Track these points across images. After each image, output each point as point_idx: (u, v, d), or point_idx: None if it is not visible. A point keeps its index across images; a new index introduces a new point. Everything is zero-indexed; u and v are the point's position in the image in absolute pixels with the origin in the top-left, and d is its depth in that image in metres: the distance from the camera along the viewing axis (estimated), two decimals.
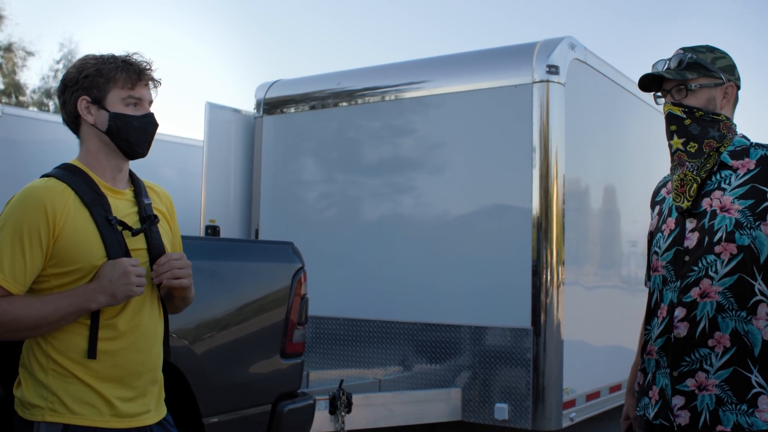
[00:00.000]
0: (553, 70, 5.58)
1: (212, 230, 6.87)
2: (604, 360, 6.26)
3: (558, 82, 5.60)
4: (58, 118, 10.74)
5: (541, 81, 5.58)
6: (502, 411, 5.46)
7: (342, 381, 5.16)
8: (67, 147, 8.98)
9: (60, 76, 27.37)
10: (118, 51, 2.25)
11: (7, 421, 2.45)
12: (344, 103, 6.60)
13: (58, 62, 27.93)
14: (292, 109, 6.89)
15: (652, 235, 2.55)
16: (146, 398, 2.25)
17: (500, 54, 6.03)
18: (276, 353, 3.66)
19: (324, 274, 5.88)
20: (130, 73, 2.22)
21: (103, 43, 40.66)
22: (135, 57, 2.26)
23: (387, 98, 6.35)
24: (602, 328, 6.27)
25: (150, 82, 2.28)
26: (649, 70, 2.47)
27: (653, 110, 7.25)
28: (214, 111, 6.92)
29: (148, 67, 2.26)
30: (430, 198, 6.07)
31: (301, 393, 3.87)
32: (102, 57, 2.25)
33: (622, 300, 6.77)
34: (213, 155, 6.89)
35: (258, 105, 7.05)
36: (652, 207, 2.63)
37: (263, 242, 4.09)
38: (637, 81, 2.51)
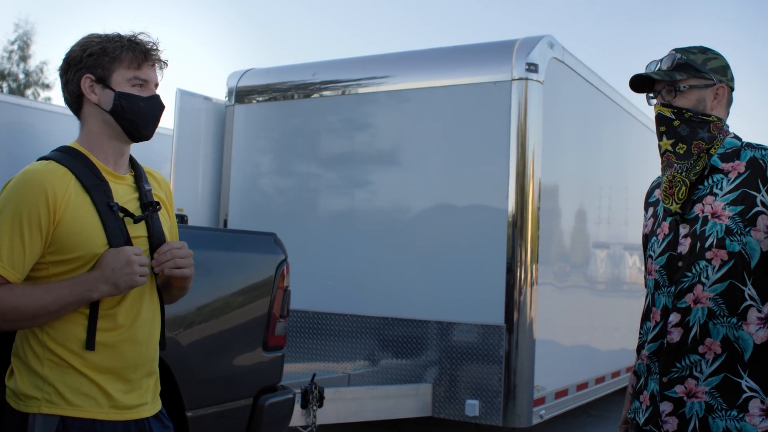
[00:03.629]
0: (532, 68, 5.58)
1: (179, 219, 6.74)
2: (572, 358, 6.31)
3: (537, 80, 5.60)
4: (15, 100, 10.37)
5: (520, 78, 5.57)
6: (473, 407, 5.46)
7: (314, 375, 5.10)
8: (22, 129, 8.75)
9: (15, 57, 26.79)
10: (124, 30, 2.17)
11: None
12: (318, 95, 6.52)
13: (12, 43, 27.30)
14: (265, 99, 6.79)
15: (647, 238, 2.53)
16: (141, 390, 2.18)
17: (479, 50, 6.00)
18: (258, 346, 3.59)
19: (293, 266, 5.79)
20: (136, 53, 2.14)
21: (62, 26, 39.79)
22: (141, 37, 2.17)
23: (363, 91, 6.29)
24: (571, 327, 6.31)
25: (156, 64, 2.20)
26: (638, 72, 2.47)
27: (626, 113, 7.33)
28: (185, 98, 6.79)
29: (154, 47, 2.18)
30: (406, 193, 6.02)
31: (281, 387, 3.81)
32: (107, 36, 2.16)
33: (591, 300, 6.83)
34: (182, 143, 6.75)
35: (230, 93, 6.93)
36: (646, 208, 2.61)
37: (246, 232, 4.01)
38: (614, 84, 2.52)
